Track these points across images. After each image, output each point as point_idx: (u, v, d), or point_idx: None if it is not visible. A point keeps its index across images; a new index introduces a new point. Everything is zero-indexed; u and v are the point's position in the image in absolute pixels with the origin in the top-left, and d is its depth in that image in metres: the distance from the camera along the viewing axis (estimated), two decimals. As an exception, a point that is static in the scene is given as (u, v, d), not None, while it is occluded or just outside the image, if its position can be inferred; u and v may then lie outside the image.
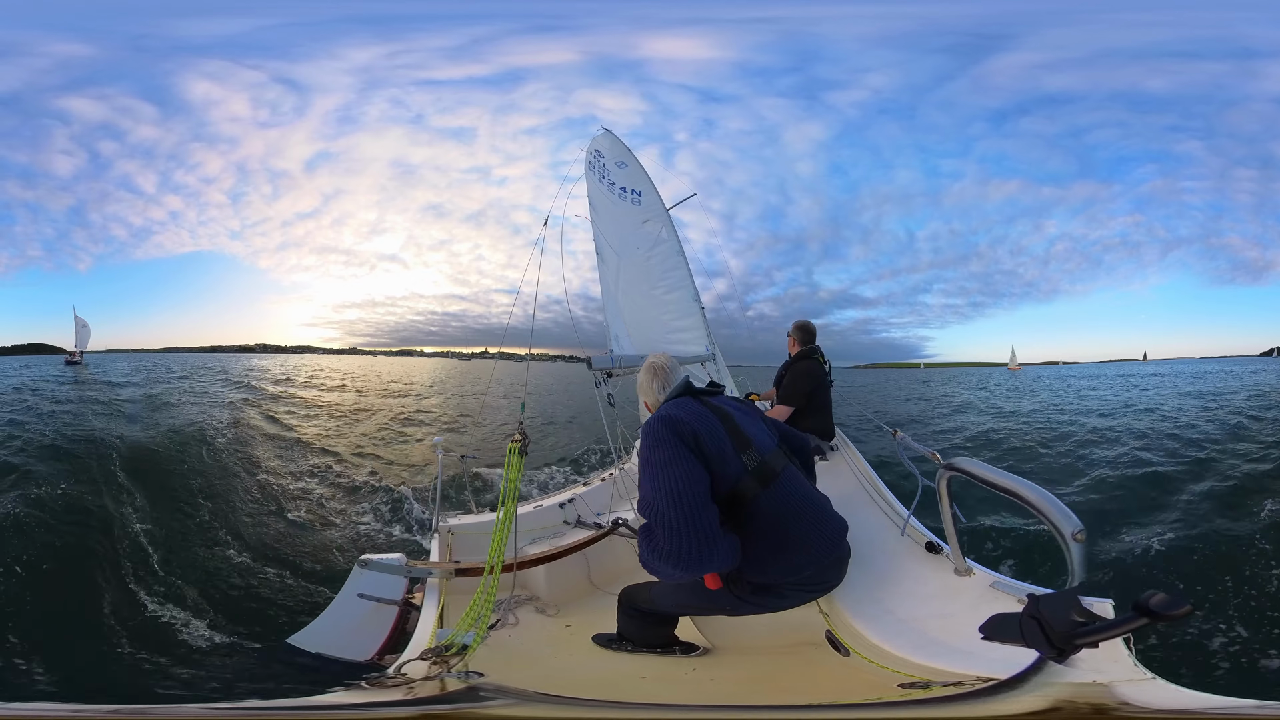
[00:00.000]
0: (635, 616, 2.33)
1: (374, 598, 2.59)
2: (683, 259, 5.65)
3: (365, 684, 1.43)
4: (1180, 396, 19.31)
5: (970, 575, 1.91)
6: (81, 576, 4.52)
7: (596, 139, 5.78)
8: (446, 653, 1.56)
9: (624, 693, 2.10)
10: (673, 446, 1.81)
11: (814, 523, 1.94)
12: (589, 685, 2.26)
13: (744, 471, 1.86)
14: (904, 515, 2.39)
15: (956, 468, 1.82)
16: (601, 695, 1.53)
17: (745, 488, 1.84)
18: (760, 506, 1.84)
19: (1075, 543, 1.33)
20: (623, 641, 2.42)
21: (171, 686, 3.23)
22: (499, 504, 2.23)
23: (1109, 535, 5.38)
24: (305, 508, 7.09)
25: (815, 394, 3.86)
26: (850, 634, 1.88)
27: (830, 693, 1.89)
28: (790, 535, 1.86)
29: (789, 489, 1.93)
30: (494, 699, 1.34)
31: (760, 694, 2.09)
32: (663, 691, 2.13)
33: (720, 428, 1.92)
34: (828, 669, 1.98)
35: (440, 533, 3.25)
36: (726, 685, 2.18)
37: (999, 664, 1.26)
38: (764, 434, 2.05)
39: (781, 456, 2.02)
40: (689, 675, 2.22)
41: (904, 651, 1.62)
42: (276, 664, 2.53)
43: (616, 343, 5.08)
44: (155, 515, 6.02)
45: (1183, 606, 0.83)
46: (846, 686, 1.87)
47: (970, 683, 1.34)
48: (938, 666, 1.48)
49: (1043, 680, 1.13)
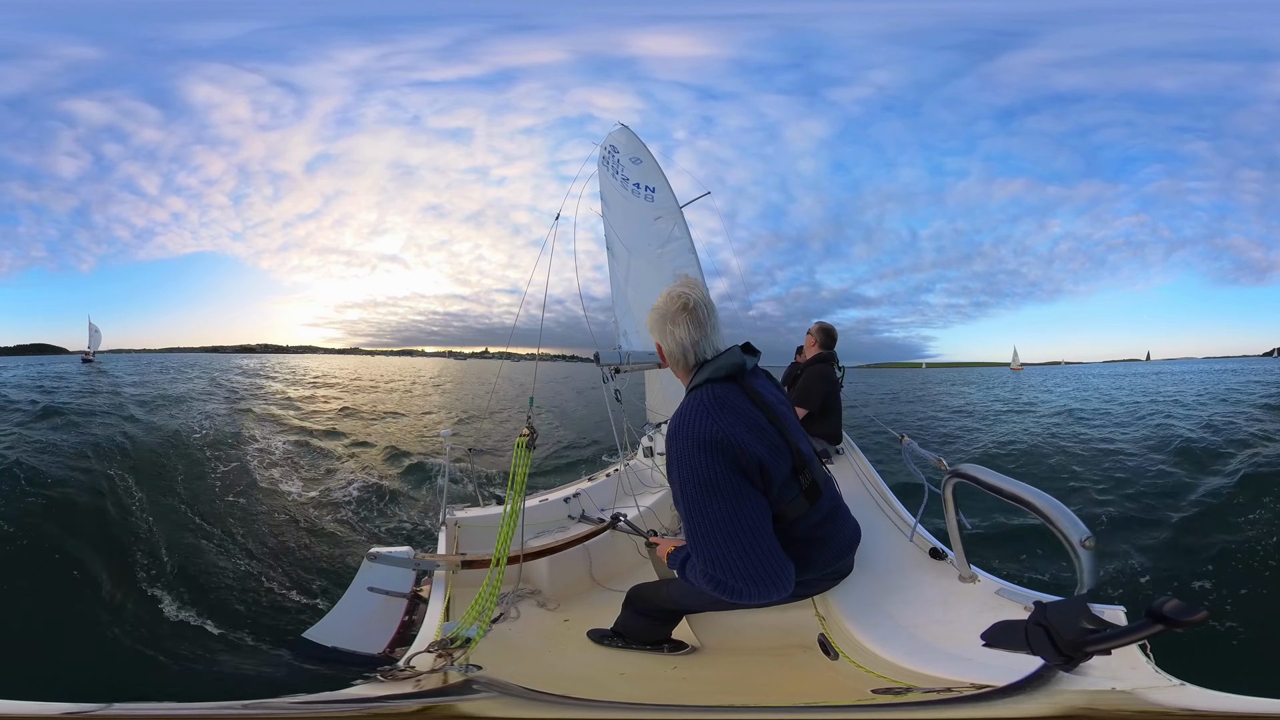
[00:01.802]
0: (645, 614, 2.27)
1: (384, 591, 2.62)
2: (694, 257, 5.65)
3: (380, 677, 1.45)
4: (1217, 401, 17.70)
5: (975, 582, 1.90)
6: (95, 578, 4.46)
7: (612, 134, 5.77)
8: (451, 645, 1.59)
9: (601, 689, 2.11)
10: (733, 483, 1.54)
11: (842, 521, 1.94)
12: (570, 681, 2.28)
13: (799, 493, 1.70)
14: (909, 520, 2.38)
15: (962, 474, 1.81)
16: (580, 692, 1.55)
17: (796, 508, 1.70)
18: (801, 526, 1.73)
19: (1084, 550, 1.33)
20: (615, 638, 2.39)
21: (198, 684, 3.25)
22: (505, 498, 2.25)
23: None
24: (312, 504, 7.14)
25: (828, 398, 3.87)
26: (843, 637, 1.87)
27: (802, 694, 1.87)
28: (823, 536, 1.82)
29: (827, 497, 1.85)
30: (483, 693, 1.36)
31: (730, 695, 2.08)
32: (635, 690, 2.15)
33: (784, 445, 1.67)
34: (811, 671, 1.97)
35: (447, 525, 3.27)
36: (700, 685, 2.18)
37: (998, 671, 1.24)
38: (805, 441, 1.85)
39: (820, 465, 1.89)
40: (668, 674, 2.24)
41: (896, 656, 1.59)
42: (301, 659, 2.56)
43: (625, 339, 5.08)
44: (162, 514, 6.00)
45: (1198, 612, 0.81)
46: (820, 689, 1.86)
47: (961, 689, 1.32)
48: (928, 673, 1.45)
49: (1050, 688, 1.11)
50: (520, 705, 1.35)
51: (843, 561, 1.95)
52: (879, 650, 1.65)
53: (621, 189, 5.57)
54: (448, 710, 1.27)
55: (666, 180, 5.83)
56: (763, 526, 1.56)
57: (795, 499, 1.69)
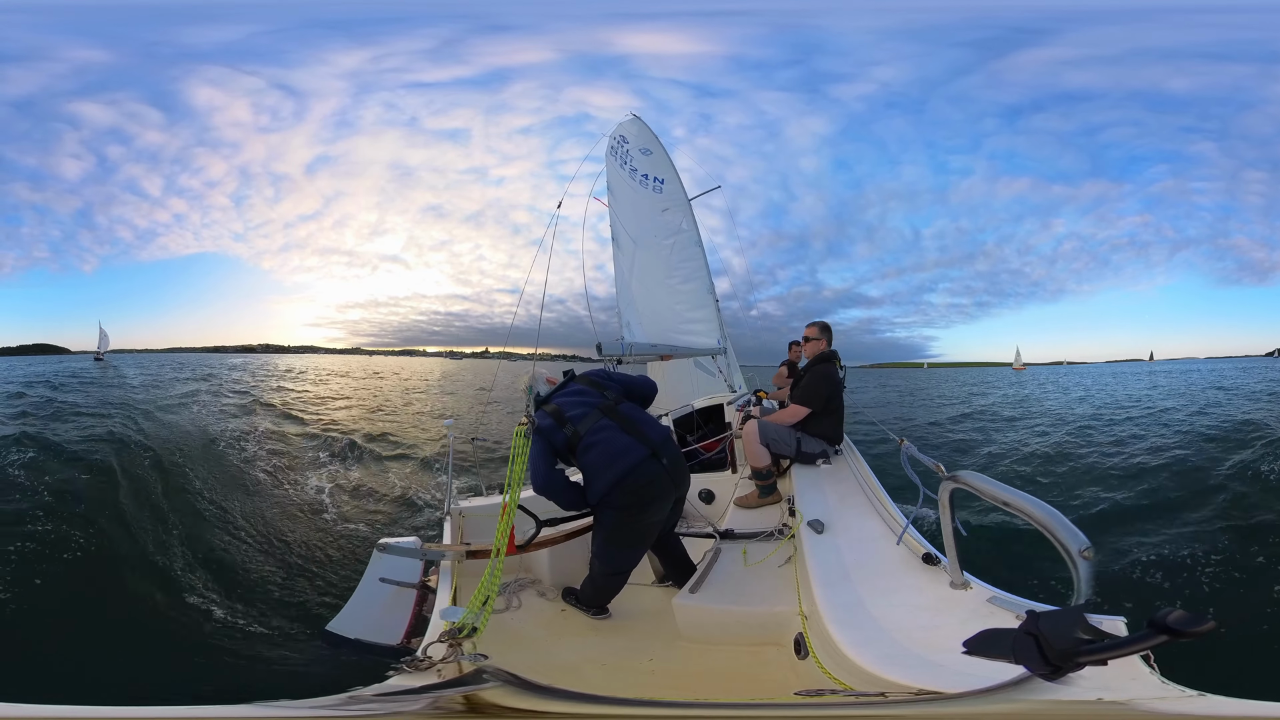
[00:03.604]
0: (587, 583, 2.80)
1: (394, 581, 2.65)
2: (700, 250, 5.59)
3: (407, 667, 1.48)
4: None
5: (967, 589, 1.84)
6: (114, 577, 4.42)
7: (623, 124, 5.73)
8: (459, 635, 1.62)
9: (581, 680, 2.25)
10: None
11: (609, 459, 2.45)
12: (557, 671, 2.33)
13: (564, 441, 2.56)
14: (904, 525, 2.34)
15: (959, 480, 1.78)
16: (562, 681, 1.58)
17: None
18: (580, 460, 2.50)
19: (1082, 560, 1.27)
20: (570, 596, 2.91)
21: (228, 679, 3.28)
22: (505, 487, 2.24)
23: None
24: (318, 498, 7.18)
25: (831, 398, 3.82)
26: (820, 638, 1.85)
27: (747, 691, 1.98)
28: (591, 469, 2.46)
29: (597, 438, 2.49)
30: (491, 682, 1.37)
31: (688, 688, 2.17)
32: (611, 681, 2.30)
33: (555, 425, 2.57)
34: (773, 669, 2.04)
35: (452, 515, 3.29)
36: (666, 677, 2.26)
37: (965, 678, 1.19)
38: (580, 407, 2.61)
39: (596, 416, 2.55)
40: (643, 666, 2.35)
41: (866, 661, 1.55)
42: (327, 651, 2.64)
43: (628, 330, 5.04)
44: (181, 512, 5.99)
45: (1205, 623, 0.75)
46: (768, 687, 1.93)
47: (899, 693, 1.28)
48: (894, 679, 1.41)
49: (1010, 696, 1.07)
50: (519, 695, 1.37)
51: (617, 478, 2.42)
52: (850, 653, 1.62)
53: (630, 179, 5.53)
54: (478, 700, 1.31)
55: (676, 172, 5.78)
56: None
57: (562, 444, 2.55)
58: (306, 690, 1.37)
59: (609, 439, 2.51)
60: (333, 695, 1.33)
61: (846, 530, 2.51)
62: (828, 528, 2.50)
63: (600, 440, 2.50)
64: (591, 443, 2.50)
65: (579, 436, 2.51)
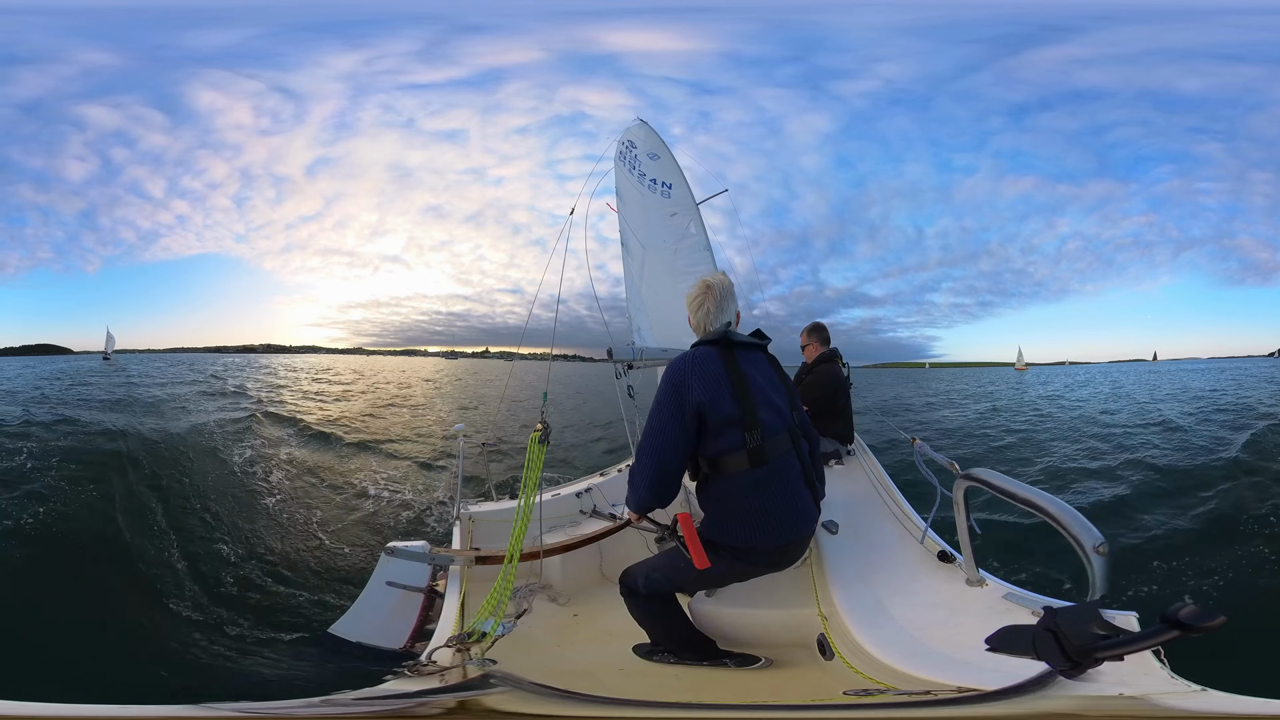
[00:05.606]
0: (638, 601, 2.27)
1: (401, 585, 2.65)
2: (709, 254, 5.63)
3: (408, 672, 1.49)
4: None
5: (983, 586, 1.88)
6: (114, 576, 4.42)
7: (630, 129, 5.76)
8: (469, 640, 1.62)
9: (598, 684, 2.19)
10: (671, 413, 1.93)
11: (785, 500, 1.97)
12: (573, 675, 2.31)
13: (741, 449, 1.92)
14: (918, 523, 2.38)
15: (974, 478, 1.80)
16: (578, 686, 1.58)
17: (734, 463, 1.94)
18: (740, 481, 1.95)
19: (1097, 555, 1.30)
20: (663, 654, 2.31)
21: (233, 683, 3.23)
22: (519, 493, 2.22)
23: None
24: (319, 497, 7.19)
25: (835, 398, 3.84)
26: (842, 638, 1.86)
27: (782, 694, 1.90)
28: (754, 512, 1.94)
29: (775, 475, 1.96)
30: (499, 686, 1.38)
31: (713, 691, 2.08)
32: (629, 685, 2.22)
33: (733, 403, 1.93)
34: (801, 670, 2.00)
35: (461, 520, 3.28)
36: (689, 680, 2.18)
37: (993, 675, 1.21)
38: (777, 416, 2.01)
39: (786, 442, 2.01)
40: (663, 669, 2.26)
41: (891, 659, 1.58)
42: (328, 654, 2.62)
43: (639, 335, 5.08)
44: (177, 515, 5.92)
45: (1215, 618, 0.79)
46: (804, 689, 1.88)
47: (944, 692, 1.29)
48: (921, 676, 1.43)
49: (1043, 694, 1.08)
50: (533, 700, 1.37)
51: (781, 542, 1.99)
52: (876, 652, 1.64)
53: (638, 184, 5.57)
54: (476, 705, 1.30)
55: (684, 176, 5.82)
56: (671, 448, 1.93)
57: (735, 453, 1.93)
58: (301, 693, 1.36)
59: (789, 481, 1.98)
60: (314, 697, 1.31)
61: (861, 530, 2.54)
62: (842, 528, 2.52)
63: (779, 478, 1.97)
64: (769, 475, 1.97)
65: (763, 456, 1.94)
